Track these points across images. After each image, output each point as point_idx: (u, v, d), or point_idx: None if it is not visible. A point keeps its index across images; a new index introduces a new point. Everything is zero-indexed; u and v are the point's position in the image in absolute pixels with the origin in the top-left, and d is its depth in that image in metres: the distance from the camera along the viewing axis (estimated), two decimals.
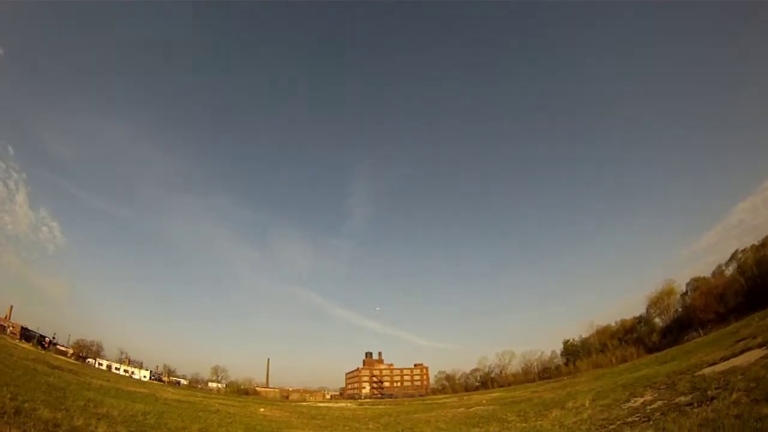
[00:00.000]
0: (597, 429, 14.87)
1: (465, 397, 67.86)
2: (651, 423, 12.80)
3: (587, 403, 21.56)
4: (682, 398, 14.37)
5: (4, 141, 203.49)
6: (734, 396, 11.80)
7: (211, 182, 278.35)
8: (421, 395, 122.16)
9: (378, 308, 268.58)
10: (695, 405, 12.66)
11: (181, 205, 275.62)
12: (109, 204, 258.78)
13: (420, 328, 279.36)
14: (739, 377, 14.02)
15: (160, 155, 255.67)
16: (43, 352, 78.36)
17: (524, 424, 20.64)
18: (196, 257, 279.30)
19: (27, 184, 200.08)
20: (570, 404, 22.87)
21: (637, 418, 14.29)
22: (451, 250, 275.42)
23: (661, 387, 18.21)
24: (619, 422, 14.77)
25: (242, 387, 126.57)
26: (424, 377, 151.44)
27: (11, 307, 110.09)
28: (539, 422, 20.07)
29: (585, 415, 18.33)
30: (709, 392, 13.20)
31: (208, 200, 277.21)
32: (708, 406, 11.90)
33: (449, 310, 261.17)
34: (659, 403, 15.36)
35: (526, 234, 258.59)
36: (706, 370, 17.64)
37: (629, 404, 17.43)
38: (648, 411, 14.81)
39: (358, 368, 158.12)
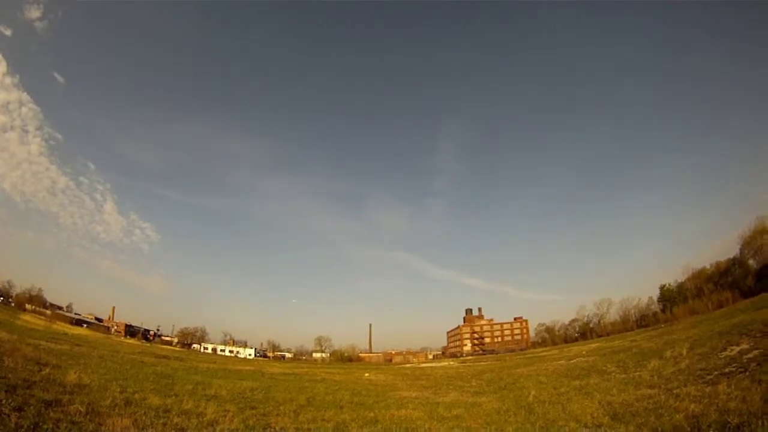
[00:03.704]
0: (695, 379, 14.60)
1: (565, 349, 65.27)
2: (747, 374, 12.66)
3: (684, 352, 20.89)
4: None
5: (83, 159, 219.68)
6: None
7: (299, 161, 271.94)
8: (522, 349, 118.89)
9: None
10: None
11: (272, 187, 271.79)
12: (198, 197, 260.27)
13: (519, 281, 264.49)
14: None
15: (244, 143, 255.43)
16: (149, 344, 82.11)
17: (624, 375, 20.42)
18: (292, 235, 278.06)
19: (113, 193, 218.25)
20: (668, 353, 22.16)
21: (734, 368, 14.12)
22: (544, 198, 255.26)
23: (757, 335, 17.39)
24: (716, 372, 14.58)
25: (346, 354, 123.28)
26: (525, 330, 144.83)
27: (113, 308, 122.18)
28: (638, 373, 19.82)
29: (683, 365, 18.04)
30: None
31: (298, 178, 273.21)
32: None
33: (547, 260, 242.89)
34: (755, 352, 14.96)
35: (617, 175, 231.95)
36: None
37: (726, 353, 16.95)
38: (744, 360, 14.53)
39: (458, 326, 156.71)
